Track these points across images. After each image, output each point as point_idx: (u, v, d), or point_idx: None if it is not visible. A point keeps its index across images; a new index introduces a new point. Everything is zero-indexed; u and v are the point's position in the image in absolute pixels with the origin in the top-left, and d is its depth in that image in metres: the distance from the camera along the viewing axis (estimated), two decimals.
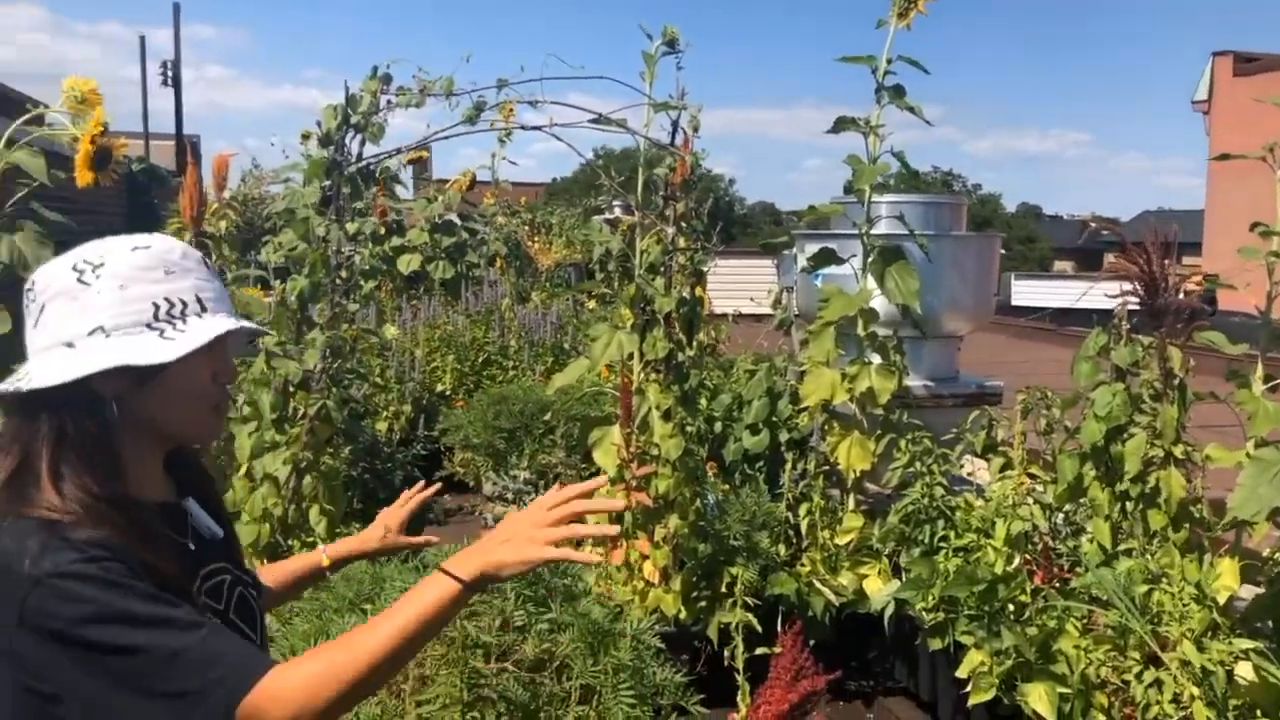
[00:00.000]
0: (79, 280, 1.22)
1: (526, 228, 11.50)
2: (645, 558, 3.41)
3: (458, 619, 1.90)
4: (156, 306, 1.23)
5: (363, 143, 3.31)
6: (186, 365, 1.23)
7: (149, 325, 1.23)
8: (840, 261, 3.85)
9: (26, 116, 3.25)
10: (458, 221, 9.13)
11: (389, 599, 2.01)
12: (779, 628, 3.24)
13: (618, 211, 11.49)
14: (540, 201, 17.10)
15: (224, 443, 3.65)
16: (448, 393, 6.59)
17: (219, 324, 1.26)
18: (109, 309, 1.21)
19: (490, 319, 7.35)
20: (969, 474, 3.93)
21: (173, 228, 5.64)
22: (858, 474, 3.76)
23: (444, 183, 10.14)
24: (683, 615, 3.36)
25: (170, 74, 20.00)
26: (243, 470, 3.26)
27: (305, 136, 4.76)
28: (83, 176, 3.23)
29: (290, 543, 3.26)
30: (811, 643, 2.57)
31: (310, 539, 3.26)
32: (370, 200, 7.14)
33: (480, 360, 6.97)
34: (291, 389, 3.28)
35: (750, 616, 2.56)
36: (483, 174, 9.01)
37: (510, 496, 4.73)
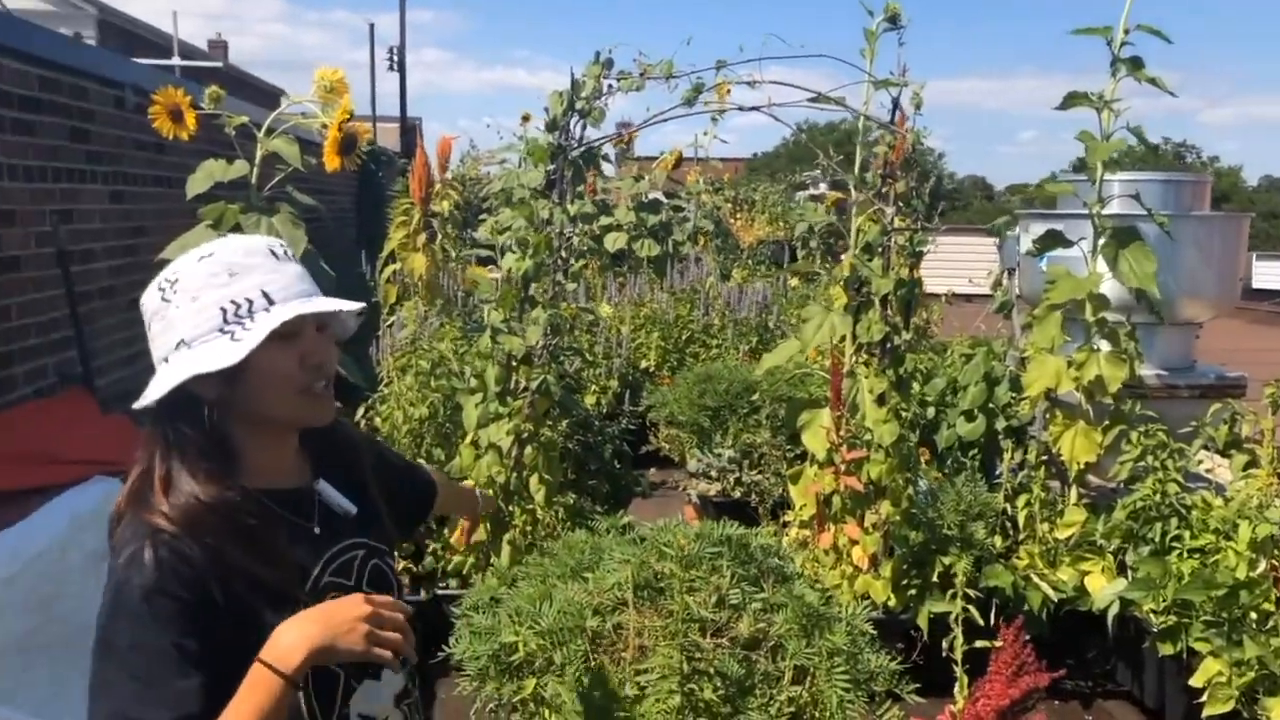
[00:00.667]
0: (163, 299, 1.30)
1: (729, 204, 11.45)
2: (854, 543, 3.38)
3: (677, 594, 1.94)
4: (224, 310, 1.28)
5: (584, 127, 3.41)
6: (265, 357, 1.27)
7: (220, 330, 1.27)
8: (1068, 244, 3.67)
9: (282, 108, 3.50)
10: (663, 200, 9.21)
11: (607, 568, 2.08)
12: (992, 620, 3.14)
13: (822, 187, 11.31)
14: (742, 177, 17.01)
15: (450, 411, 3.87)
16: (652, 369, 6.69)
17: (281, 314, 1.29)
18: (187, 321, 1.28)
19: (694, 297, 7.40)
20: (1206, 471, 3.67)
21: (401, 207, 6.02)
22: (1081, 466, 3.59)
23: (648, 160, 10.25)
24: (892, 603, 3.32)
25: (395, 59, 21.15)
26: (469, 439, 3.44)
27: (525, 118, 4.96)
28: (331, 161, 3.45)
29: (511, 508, 3.42)
30: (1026, 638, 2.48)
31: (530, 505, 3.41)
32: (585, 181, 7.33)
33: (684, 338, 7.03)
34: (514, 363, 3.43)
35: (972, 608, 2.50)
36: (687, 150, 9.08)
37: (714, 474, 4.77)
